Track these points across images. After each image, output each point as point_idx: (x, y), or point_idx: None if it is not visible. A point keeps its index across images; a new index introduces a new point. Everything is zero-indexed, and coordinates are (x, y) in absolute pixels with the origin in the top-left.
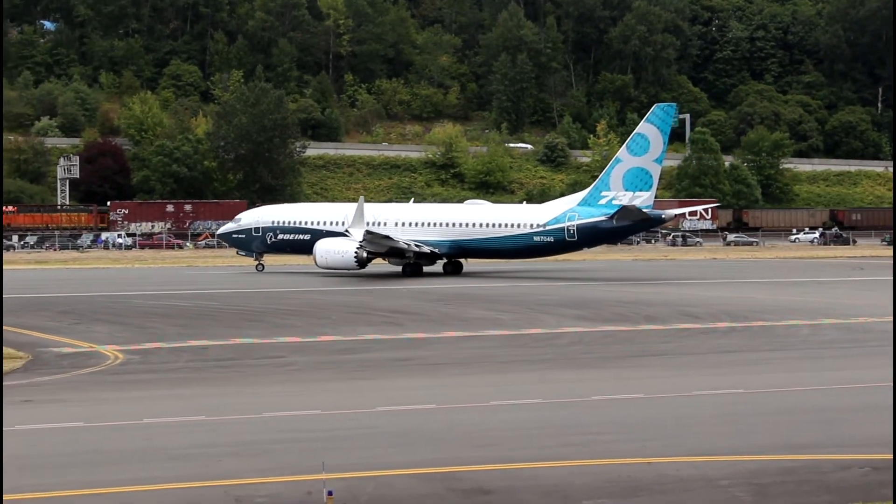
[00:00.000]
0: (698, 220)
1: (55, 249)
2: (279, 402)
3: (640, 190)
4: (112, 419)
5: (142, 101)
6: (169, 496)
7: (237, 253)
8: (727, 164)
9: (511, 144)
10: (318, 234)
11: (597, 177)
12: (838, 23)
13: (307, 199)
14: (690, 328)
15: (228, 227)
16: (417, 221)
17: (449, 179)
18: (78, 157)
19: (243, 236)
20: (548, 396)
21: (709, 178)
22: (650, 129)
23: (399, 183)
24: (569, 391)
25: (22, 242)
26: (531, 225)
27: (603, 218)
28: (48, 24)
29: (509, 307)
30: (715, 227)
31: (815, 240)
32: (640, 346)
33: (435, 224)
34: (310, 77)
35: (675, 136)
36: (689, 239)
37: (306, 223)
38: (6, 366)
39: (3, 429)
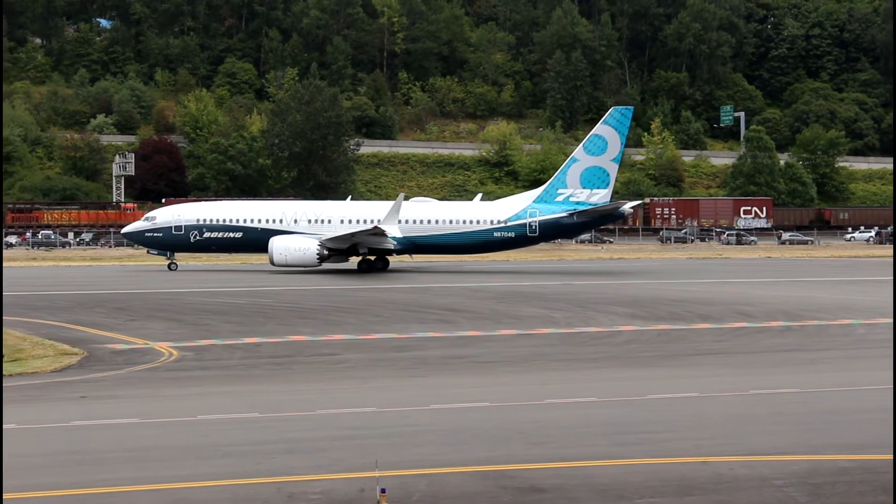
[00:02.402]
0: (753, 218)
1: (110, 246)
2: (333, 400)
3: (598, 188)
4: (166, 416)
5: (197, 99)
6: (222, 492)
7: (147, 252)
8: (782, 162)
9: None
10: (252, 233)
11: (653, 175)
12: None
13: (361, 196)
14: (745, 327)
15: (138, 225)
16: (365, 219)
17: (503, 177)
18: (133, 155)
19: (160, 234)
20: (602, 395)
21: (763, 177)
22: (607, 131)
23: (453, 181)
24: (623, 390)
25: (77, 239)
26: (491, 221)
27: (564, 214)
28: (104, 22)
29: (563, 305)
30: (770, 225)
31: (871, 238)
32: (695, 344)
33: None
34: (364, 75)
35: (731, 134)
36: (743, 238)
37: (238, 221)
38: (61, 362)
39: (60, 424)
